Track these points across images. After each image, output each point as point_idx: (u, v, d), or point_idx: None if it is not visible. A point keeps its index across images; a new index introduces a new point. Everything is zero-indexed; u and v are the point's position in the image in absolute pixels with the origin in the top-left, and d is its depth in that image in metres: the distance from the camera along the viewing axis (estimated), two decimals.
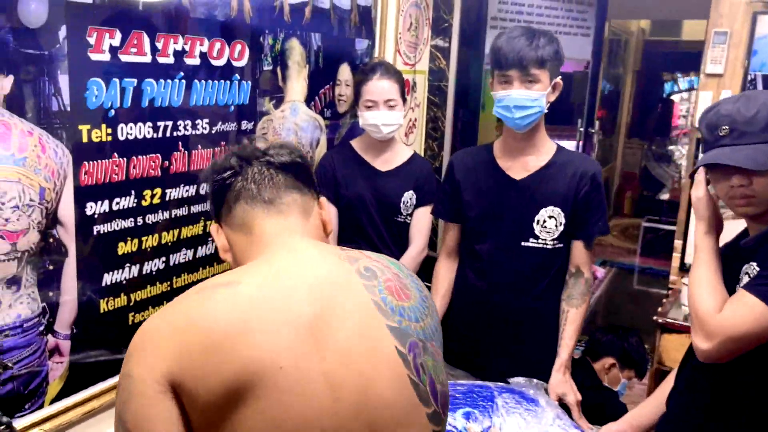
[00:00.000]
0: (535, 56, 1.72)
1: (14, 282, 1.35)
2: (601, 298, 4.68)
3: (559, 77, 1.81)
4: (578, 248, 1.90)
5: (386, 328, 0.91)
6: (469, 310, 1.98)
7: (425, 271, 2.25)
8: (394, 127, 2.14)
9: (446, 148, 3.07)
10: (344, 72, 2.33)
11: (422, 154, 3.03)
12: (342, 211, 2.22)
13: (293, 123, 2.12)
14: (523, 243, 1.87)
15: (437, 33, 2.96)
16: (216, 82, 1.76)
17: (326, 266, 0.95)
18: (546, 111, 1.79)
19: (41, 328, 1.42)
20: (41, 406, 1.45)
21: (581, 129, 3.88)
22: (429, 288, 2.28)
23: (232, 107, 1.84)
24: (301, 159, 1.07)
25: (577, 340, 1.93)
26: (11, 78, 1.28)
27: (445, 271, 2.03)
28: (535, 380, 1.75)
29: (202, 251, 1.81)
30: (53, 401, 1.48)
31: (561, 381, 1.82)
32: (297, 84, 2.11)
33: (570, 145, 3.79)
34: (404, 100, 2.18)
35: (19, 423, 1.39)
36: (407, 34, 2.74)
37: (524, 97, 1.73)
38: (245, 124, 1.91)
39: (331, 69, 2.28)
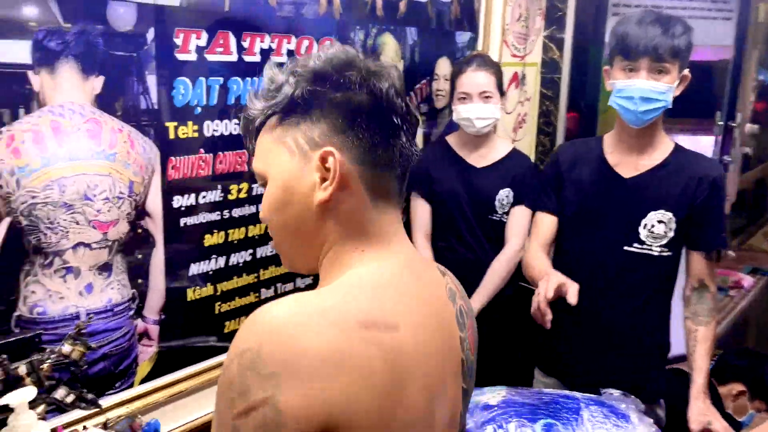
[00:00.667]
0: (671, 45, 1.57)
1: (105, 269, 1.45)
2: (748, 311, 4.22)
3: (687, 70, 1.64)
4: (698, 260, 1.72)
5: (460, 391, 0.84)
6: (558, 314, 1.85)
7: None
8: (488, 121, 2.06)
9: (559, 143, 2.91)
10: (443, 66, 2.28)
11: (533, 150, 2.90)
12: (435, 209, 2.17)
13: None
14: (625, 247, 1.72)
15: (551, 23, 2.81)
16: None
17: (444, 306, 0.84)
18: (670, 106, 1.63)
19: (131, 313, 1.52)
20: (131, 386, 1.55)
21: (720, 123, 3.51)
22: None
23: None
24: None
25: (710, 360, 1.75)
26: (102, 78, 1.38)
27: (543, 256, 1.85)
28: (631, 396, 1.60)
29: None
30: (142, 382, 1.57)
31: (703, 409, 1.67)
32: None
33: (707, 140, 3.46)
34: (502, 93, 2.09)
35: (109, 401, 1.49)
36: (516, 24, 2.63)
37: (652, 89, 1.59)
38: None
39: (428, 63, 2.24)
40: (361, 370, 0.62)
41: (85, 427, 1.41)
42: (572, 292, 1.54)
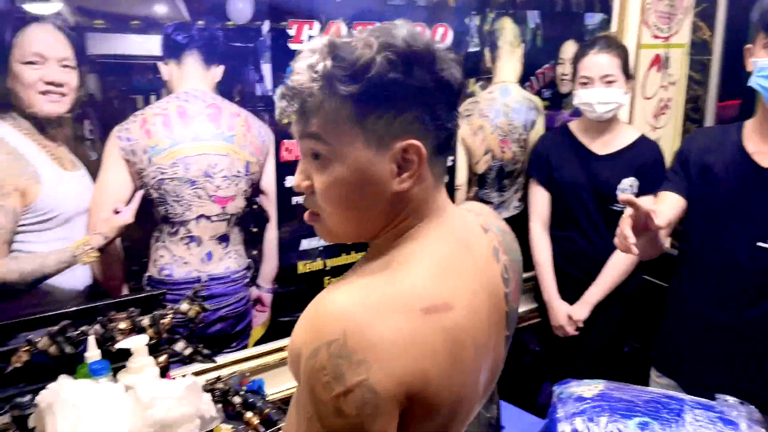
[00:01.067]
0: None
1: (224, 239, 1.62)
2: None
3: None
4: None
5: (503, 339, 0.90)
6: (679, 312, 1.74)
7: (647, 265, 2.03)
8: (611, 106, 1.96)
9: None
10: (569, 50, 2.20)
11: (679, 138, 2.69)
12: (554, 197, 2.12)
13: (503, 104, 2.09)
14: (759, 243, 1.57)
15: (703, 0, 2.59)
16: None
17: (491, 271, 0.88)
18: None
19: (246, 281, 1.68)
20: (245, 347, 1.72)
21: None
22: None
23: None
24: None
25: None
26: (222, 68, 1.53)
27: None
28: (747, 404, 1.47)
29: None
30: (256, 344, 1.73)
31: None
32: (509, 64, 2.07)
33: None
34: (628, 76, 1.98)
35: (224, 358, 1.66)
36: (659, 3, 2.46)
37: None
38: None
39: (553, 47, 2.18)
40: (426, 350, 0.70)
41: (219, 377, 1.58)
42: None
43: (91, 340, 1.31)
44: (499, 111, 2.09)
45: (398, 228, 0.80)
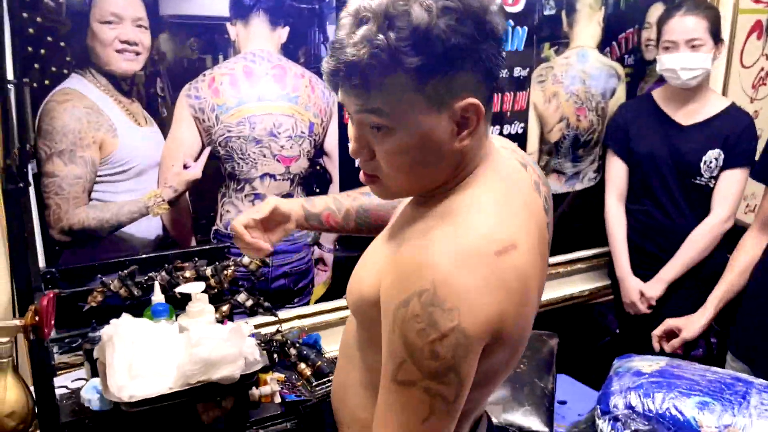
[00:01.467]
0: None
1: (287, 198, 1.66)
2: None
3: None
4: None
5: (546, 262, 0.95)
6: (760, 297, 1.62)
7: (730, 241, 1.90)
8: (696, 72, 1.84)
9: None
10: (656, 13, 2.07)
11: None
12: (632, 169, 2.02)
13: (580, 71, 2.01)
14: None
15: None
16: None
17: (537, 205, 0.91)
18: None
19: (309, 240, 1.73)
20: (306, 304, 1.77)
21: None
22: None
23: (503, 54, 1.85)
24: None
25: None
26: (287, 29, 1.56)
27: (752, 246, 1.70)
28: None
29: None
30: (317, 302, 1.78)
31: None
32: (587, 29, 1.98)
33: None
34: (717, 40, 1.85)
35: (286, 313, 1.72)
36: None
37: None
38: (518, 71, 1.90)
39: (637, 11, 2.06)
40: (504, 291, 0.75)
41: (278, 330, 1.64)
42: None
43: (157, 286, 1.40)
44: (576, 77, 2.01)
45: (457, 178, 0.83)
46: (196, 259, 1.51)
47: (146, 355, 1.14)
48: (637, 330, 2.07)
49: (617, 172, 2.05)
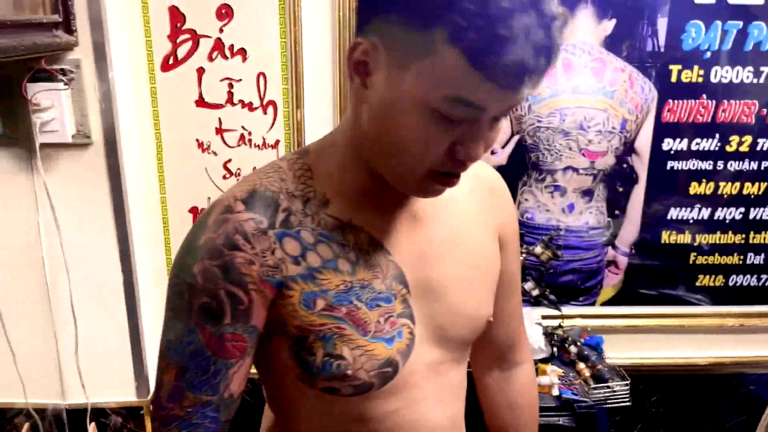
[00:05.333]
0: None
1: (587, 194, 1.63)
2: None
3: None
4: None
5: None
6: None
7: None
8: None
9: None
10: None
11: None
12: None
13: None
14: None
15: None
16: None
17: None
18: None
19: (603, 239, 1.67)
20: (592, 304, 1.72)
21: None
22: None
23: None
24: None
25: None
26: (614, 21, 1.52)
27: None
28: None
29: None
30: (603, 304, 1.72)
31: None
32: None
33: None
34: None
35: (569, 310, 1.70)
36: None
37: None
38: None
39: None
40: None
41: (560, 325, 1.65)
42: None
43: None
44: None
45: None
46: None
47: None
48: None
49: None
